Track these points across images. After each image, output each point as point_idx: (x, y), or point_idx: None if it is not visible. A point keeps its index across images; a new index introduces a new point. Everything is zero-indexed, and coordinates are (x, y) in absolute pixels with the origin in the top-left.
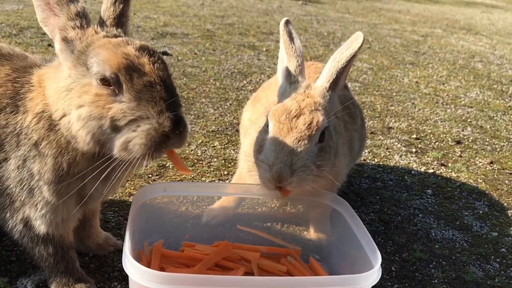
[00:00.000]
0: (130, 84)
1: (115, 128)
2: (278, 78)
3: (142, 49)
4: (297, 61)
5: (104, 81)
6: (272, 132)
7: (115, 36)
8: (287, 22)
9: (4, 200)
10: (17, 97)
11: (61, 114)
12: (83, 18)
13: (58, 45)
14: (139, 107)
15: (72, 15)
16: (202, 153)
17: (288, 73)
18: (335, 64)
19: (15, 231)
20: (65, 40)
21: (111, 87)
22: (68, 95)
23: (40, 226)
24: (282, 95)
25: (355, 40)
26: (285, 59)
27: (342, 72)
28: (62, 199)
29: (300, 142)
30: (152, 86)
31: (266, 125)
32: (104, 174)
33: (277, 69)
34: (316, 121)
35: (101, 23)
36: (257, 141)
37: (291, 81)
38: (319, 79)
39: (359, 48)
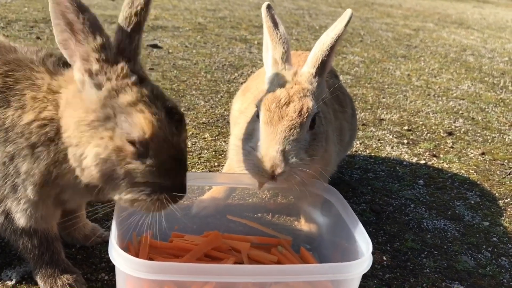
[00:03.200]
0: (156, 153)
1: (128, 181)
2: (265, 67)
3: (173, 113)
4: (283, 48)
5: (131, 141)
6: (263, 121)
7: (141, 79)
8: (269, 7)
9: None
10: (9, 92)
11: (74, 143)
12: (108, 50)
13: (79, 75)
14: (159, 175)
15: (98, 47)
16: (192, 144)
17: (274, 61)
18: (320, 47)
19: None
20: (89, 73)
21: (137, 148)
22: (89, 131)
23: (20, 220)
24: (270, 84)
25: (342, 19)
26: (271, 47)
27: (328, 55)
28: (42, 199)
29: (292, 131)
30: (175, 159)
31: (256, 115)
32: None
33: (263, 58)
34: (307, 108)
35: (119, 54)
36: (247, 130)
37: (278, 69)
38: (305, 65)
39: (346, 26)
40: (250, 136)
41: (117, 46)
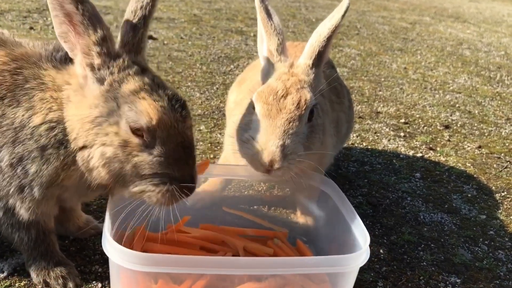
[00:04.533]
0: (164, 141)
1: (136, 174)
2: (260, 59)
3: (175, 100)
4: (278, 39)
5: (137, 130)
6: (260, 114)
7: (142, 69)
8: None
9: None
10: (18, 92)
11: (80, 144)
12: (110, 43)
13: (81, 70)
14: (167, 165)
15: (99, 40)
16: None
17: (269, 53)
18: (317, 37)
19: None
20: (91, 67)
21: (144, 138)
22: (93, 129)
23: (23, 215)
24: (266, 76)
25: (339, 10)
26: (265, 38)
27: (325, 46)
28: (46, 198)
29: (291, 124)
30: (183, 147)
31: (252, 107)
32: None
33: (258, 50)
34: (304, 100)
35: (122, 47)
36: (243, 122)
37: (274, 61)
38: (302, 56)
39: (343, 16)
40: (246, 127)
41: (122, 39)
